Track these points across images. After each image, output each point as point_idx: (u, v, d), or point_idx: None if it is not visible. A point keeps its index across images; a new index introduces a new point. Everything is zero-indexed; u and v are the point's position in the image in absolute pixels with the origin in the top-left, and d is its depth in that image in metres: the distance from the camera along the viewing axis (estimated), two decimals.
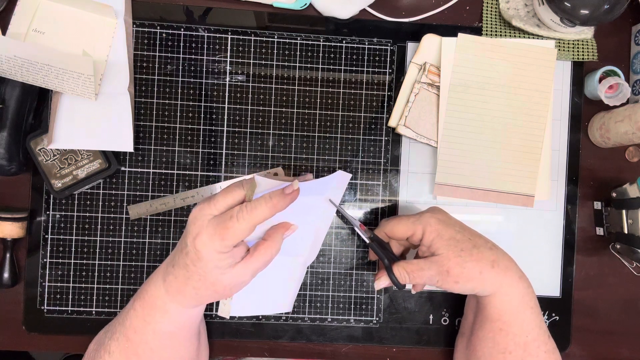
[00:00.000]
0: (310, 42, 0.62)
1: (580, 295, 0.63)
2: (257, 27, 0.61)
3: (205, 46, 0.61)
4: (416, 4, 0.63)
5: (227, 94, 0.61)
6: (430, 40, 0.61)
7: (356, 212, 0.62)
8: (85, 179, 0.57)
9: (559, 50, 0.62)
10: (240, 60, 0.61)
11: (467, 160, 0.61)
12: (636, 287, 0.64)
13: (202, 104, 0.61)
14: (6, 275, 0.57)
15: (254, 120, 0.61)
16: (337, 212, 0.59)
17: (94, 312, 0.60)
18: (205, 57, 0.61)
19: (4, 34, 0.56)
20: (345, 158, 0.62)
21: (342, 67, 0.62)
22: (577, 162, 0.63)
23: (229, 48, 0.61)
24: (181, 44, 0.61)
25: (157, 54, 0.60)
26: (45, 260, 0.59)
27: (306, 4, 0.61)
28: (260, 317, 0.61)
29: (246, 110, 0.61)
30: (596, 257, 0.64)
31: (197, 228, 0.44)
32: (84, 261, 0.60)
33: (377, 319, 0.62)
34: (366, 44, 0.62)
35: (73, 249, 0.60)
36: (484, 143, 0.61)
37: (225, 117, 0.61)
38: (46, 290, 0.59)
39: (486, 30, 0.62)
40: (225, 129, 0.61)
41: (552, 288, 0.63)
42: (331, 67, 0.62)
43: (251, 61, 0.61)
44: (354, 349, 0.62)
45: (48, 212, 0.59)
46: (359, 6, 0.61)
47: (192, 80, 0.61)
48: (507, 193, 0.61)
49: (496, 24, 0.62)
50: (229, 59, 0.61)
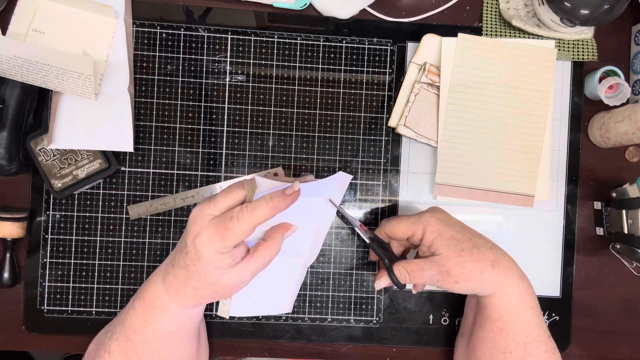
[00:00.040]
0: (310, 42, 0.62)
1: (580, 295, 0.63)
2: (257, 27, 0.61)
3: (205, 46, 0.61)
4: (416, 4, 0.63)
5: (227, 94, 0.61)
6: (430, 40, 0.61)
7: (356, 212, 0.62)
8: (85, 179, 0.57)
9: (559, 50, 0.62)
10: (240, 60, 0.61)
11: (467, 160, 0.61)
12: (636, 287, 0.64)
13: (202, 104, 0.61)
14: (6, 275, 0.57)
15: (254, 120, 0.61)
16: (338, 212, 0.59)
17: (94, 312, 0.60)
18: (205, 57, 0.61)
19: (4, 34, 0.56)
20: (345, 158, 0.62)
21: (342, 67, 0.62)
22: (577, 162, 0.63)
23: (229, 48, 0.61)
24: (181, 44, 0.61)
25: (157, 54, 0.60)
26: (45, 260, 0.59)
27: (306, 4, 0.61)
28: (260, 317, 0.61)
29: (246, 110, 0.61)
30: (596, 257, 0.64)
31: (197, 228, 0.44)
32: (84, 261, 0.60)
33: (377, 319, 0.62)
34: (366, 44, 0.62)
35: (73, 249, 0.60)
36: (484, 143, 0.61)
37: (225, 117, 0.61)
38: (46, 290, 0.59)
39: (486, 30, 0.62)
40: (225, 129, 0.61)
41: (552, 288, 0.63)
42: (331, 67, 0.62)
43: (251, 61, 0.61)
44: (354, 349, 0.62)
45: (48, 212, 0.59)
46: (359, 6, 0.61)
47: (192, 80, 0.61)
48: (507, 193, 0.61)
49: (496, 24, 0.62)
50: (229, 59, 0.61)
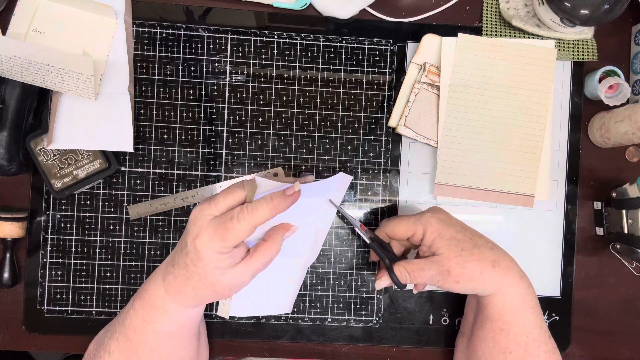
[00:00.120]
0: (310, 42, 0.61)
1: (580, 295, 0.63)
2: (257, 27, 0.61)
3: (205, 46, 0.61)
4: (416, 4, 0.63)
5: (227, 94, 0.61)
6: (430, 40, 0.61)
7: (356, 212, 0.62)
8: (85, 179, 0.57)
9: (559, 50, 0.62)
10: (240, 60, 0.61)
11: (467, 160, 0.61)
12: (636, 287, 0.64)
13: (202, 104, 0.61)
14: (6, 275, 0.57)
15: (254, 120, 0.61)
16: (338, 212, 0.59)
17: (94, 312, 0.60)
18: (205, 57, 0.61)
19: (4, 34, 0.56)
20: (345, 158, 0.62)
21: (342, 67, 0.62)
22: (577, 162, 0.63)
23: (229, 48, 0.61)
24: (181, 44, 0.60)
25: (157, 54, 0.60)
26: (45, 260, 0.59)
27: (306, 4, 0.61)
28: (260, 317, 0.61)
29: (246, 110, 0.61)
30: (596, 257, 0.64)
31: (198, 228, 0.44)
32: (84, 261, 0.60)
33: (377, 319, 0.62)
34: (366, 44, 0.62)
35: (73, 249, 0.60)
36: (484, 143, 0.61)
37: (225, 117, 0.61)
38: (46, 290, 0.59)
39: (486, 30, 0.62)
40: (225, 129, 0.61)
41: (552, 288, 0.63)
42: (331, 67, 0.62)
43: (251, 61, 0.61)
44: (354, 349, 0.62)
45: (48, 212, 0.59)
46: (359, 6, 0.61)
47: (192, 80, 0.61)
48: (507, 193, 0.61)
49: (496, 24, 0.62)
50: (229, 59, 0.61)
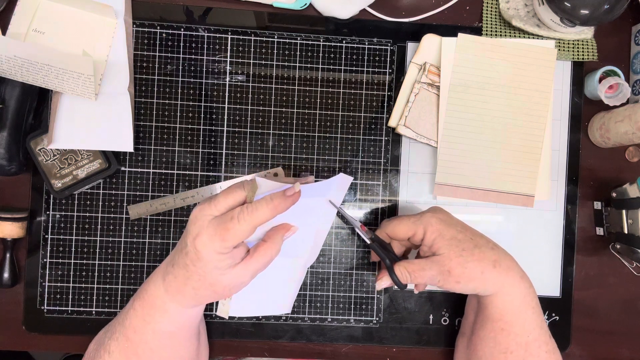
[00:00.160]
0: (310, 42, 0.61)
1: (580, 295, 0.63)
2: (257, 27, 0.61)
3: (205, 46, 0.61)
4: (416, 4, 0.63)
5: (227, 94, 0.61)
6: (430, 40, 0.61)
7: (356, 212, 0.62)
8: (85, 179, 0.57)
9: (559, 50, 0.62)
10: (240, 60, 0.61)
11: (467, 160, 0.61)
12: (636, 287, 0.64)
13: (202, 104, 0.61)
14: (6, 275, 0.57)
15: (254, 120, 0.61)
16: (338, 213, 0.59)
17: (94, 312, 0.60)
18: (205, 57, 0.61)
19: (4, 34, 0.56)
20: (345, 158, 0.62)
21: (342, 67, 0.62)
22: (577, 162, 0.63)
23: (229, 48, 0.61)
24: (181, 44, 0.60)
25: (157, 54, 0.60)
26: (45, 260, 0.59)
27: (306, 4, 0.61)
28: (260, 317, 0.61)
29: (246, 110, 0.61)
30: (596, 257, 0.64)
31: (198, 228, 0.44)
32: (84, 261, 0.60)
33: (377, 319, 0.62)
34: (366, 44, 0.62)
35: (73, 249, 0.60)
36: (484, 143, 0.61)
37: (225, 117, 0.61)
38: (46, 290, 0.59)
39: (486, 30, 0.62)
40: (225, 129, 0.61)
41: (552, 288, 0.63)
42: (331, 67, 0.62)
43: (251, 61, 0.61)
44: (354, 349, 0.62)
45: (48, 212, 0.59)
46: (359, 6, 0.61)
47: (192, 80, 0.61)
48: (507, 193, 0.61)
49: (496, 24, 0.62)
50: (229, 59, 0.61)
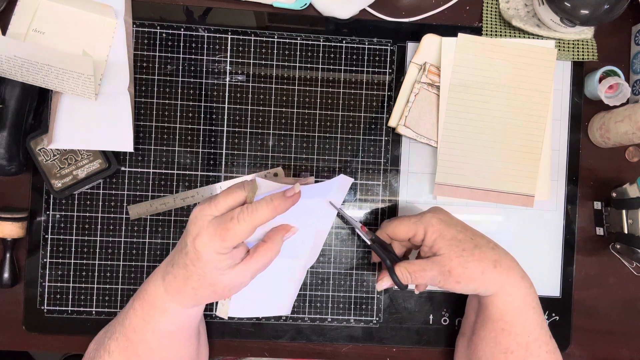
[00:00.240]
0: (310, 42, 0.61)
1: (580, 295, 0.63)
2: (257, 27, 0.61)
3: (205, 46, 0.61)
4: (416, 4, 0.63)
5: (227, 94, 0.61)
6: (430, 40, 0.61)
7: (356, 212, 0.62)
8: (85, 179, 0.57)
9: (559, 50, 0.62)
10: (240, 60, 0.61)
11: (467, 160, 0.61)
12: (636, 287, 0.64)
13: (202, 104, 0.61)
14: (6, 275, 0.57)
15: (254, 120, 0.61)
16: (338, 214, 0.59)
17: (94, 312, 0.60)
18: (205, 57, 0.61)
19: (4, 34, 0.56)
20: (345, 158, 0.62)
21: (342, 67, 0.62)
22: (577, 162, 0.63)
23: (229, 48, 0.61)
24: (181, 44, 0.60)
25: (157, 54, 0.60)
26: (45, 260, 0.59)
27: (306, 4, 0.61)
28: (260, 317, 0.61)
29: (246, 110, 0.61)
30: (596, 257, 0.64)
31: (197, 228, 0.44)
32: (84, 261, 0.60)
33: (377, 319, 0.62)
34: (366, 44, 0.62)
35: (73, 249, 0.60)
36: (484, 143, 0.61)
37: (225, 117, 0.61)
38: (46, 290, 0.59)
39: (486, 30, 0.62)
40: (225, 129, 0.61)
41: (552, 288, 0.63)
42: (331, 67, 0.62)
43: (251, 61, 0.61)
44: (354, 349, 0.62)
45: (48, 212, 0.59)
46: (359, 6, 0.61)
47: (192, 80, 0.61)
48: (507, 193, 0.61)
49: (496, 24, 0.62)
50: (229, 59, 0.61)
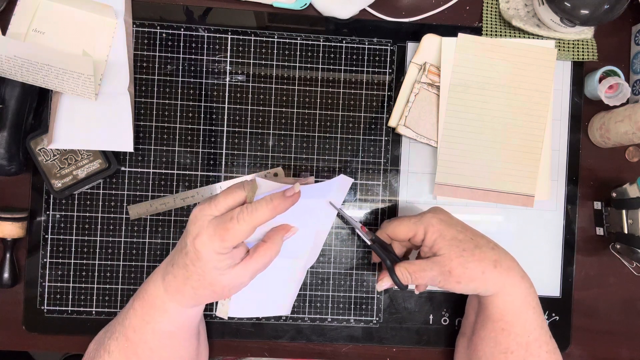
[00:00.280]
0: (310, 42, 0.61)
1: (580, 295, 0.63)
2: (257, 27, 0.61)
3: (205, 46, 0.61)
4: (416, 4, 0.63)
5: (227, 94, 0.61)
6: (430, 40, 0.61)
7: (356, 212, 0.62)
8: (85, 179, 0.57)
9: (559, 50, 0.62)
10: (240, 60, 0.61)
11: (467, 160, 0.61)
12: (636, 287, 0.64)
13: (202, 104, 0.61)
14: (6, 275, 0.57)
15: (254, 120, 0.61)
16: (338, 214, 0.59)
17: (94, 312, 0.60)
18: (205, 57, 0.61)
19: (4, 34, 0.56)
20: (345, 158, 0.62)
21: (342, 67, 0.62)
22: (577, 162, 0.63)
23: (229, 48, 0.61)
24: (181, 44, 0.60)
25: (157, 54, 0.60)
26: (45, 260, 0.59)
27: (306, 4, 0.61)
28: (260, 317, 0.61)
29: (246, 110, 0.61)
30: (596, 257, 0.64)
31: (197, 228, 0.44)
32: (84, 261, 0.60)
33: (377, 319, 0.62)
34: (366, 44, 0.62)
35: (73, 249, 0.60)
36: (484, 143, 0.61)
37: (225, 117, 0.61)
38: (46, 290, 0.59)
39: (486, 30, 0.62)
40: (225, 129, 0.61)
41: (552, 288, 0.63)
42: (331, 67, 0.62)
43: (251, 61, 0.61)
44: (354, 349, 0.62)
45: (48, 212, 0.59)
46: (359, 6, 0.61)
47: (192, 80, 0.61)
48: (507, 193, 0.61)
49: (496, 24, 0.62)
50: (229, 59, 0.61)
